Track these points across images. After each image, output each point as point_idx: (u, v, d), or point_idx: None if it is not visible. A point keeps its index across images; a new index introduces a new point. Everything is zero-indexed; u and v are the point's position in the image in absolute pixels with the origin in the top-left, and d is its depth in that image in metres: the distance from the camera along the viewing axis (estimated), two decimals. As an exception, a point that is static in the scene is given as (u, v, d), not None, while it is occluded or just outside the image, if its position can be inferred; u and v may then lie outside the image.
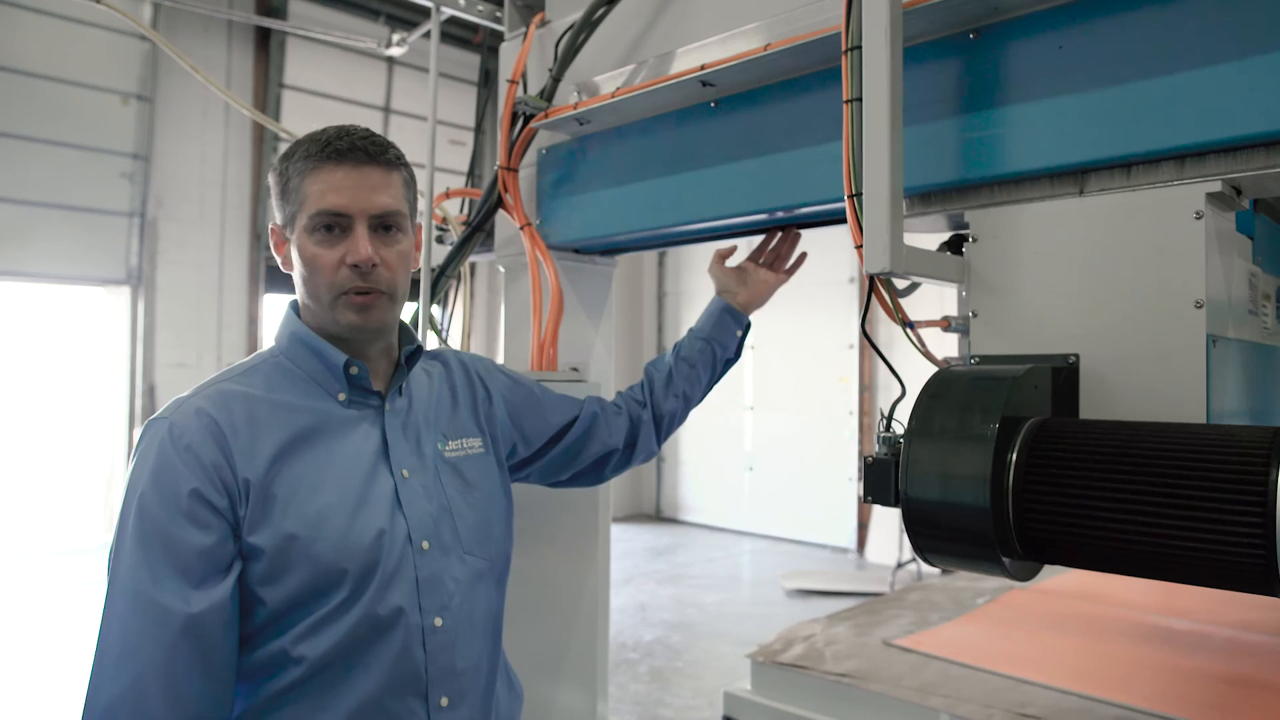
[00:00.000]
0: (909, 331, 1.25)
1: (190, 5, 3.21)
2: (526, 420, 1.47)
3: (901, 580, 6.94)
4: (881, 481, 1.13)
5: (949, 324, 1.23)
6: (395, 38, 2.98)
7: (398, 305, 1.25)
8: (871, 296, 1.24)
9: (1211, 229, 1.02)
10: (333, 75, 8.62)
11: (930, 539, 1.03)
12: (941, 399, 1.03)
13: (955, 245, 1.23)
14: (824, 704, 1.62)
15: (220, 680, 1.07)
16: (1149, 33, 1.02)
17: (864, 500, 1.17)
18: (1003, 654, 1.73)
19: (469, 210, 2.27)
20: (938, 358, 1.29)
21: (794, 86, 1.40)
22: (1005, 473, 0.96)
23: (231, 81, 7.96)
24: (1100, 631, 1.91)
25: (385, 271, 1.19)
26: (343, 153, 1.17)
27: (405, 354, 1.28)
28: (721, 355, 1.69)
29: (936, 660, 1.71)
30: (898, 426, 1.15)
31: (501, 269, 2.00)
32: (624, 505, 10.54)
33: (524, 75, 1.78)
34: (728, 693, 1.74)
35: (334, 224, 1.17)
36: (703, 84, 1.45)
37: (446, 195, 2.25)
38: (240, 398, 1.16)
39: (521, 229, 1.82)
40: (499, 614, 1.32)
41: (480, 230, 1.93)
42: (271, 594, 1.10)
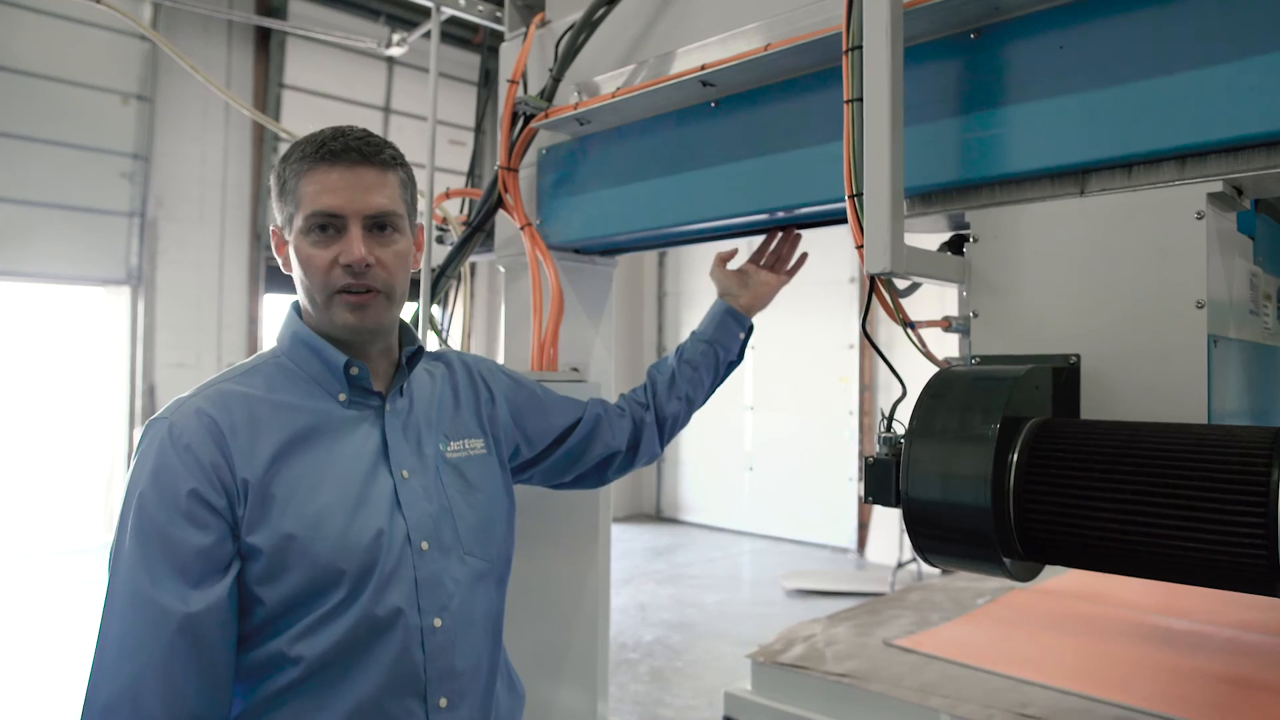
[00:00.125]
0: (910, 331, 1.25)
1: (190, 5, 3.21)
2: (529, 422, 1.47)
3: (902, 580, 6.94)
4: (882, 482, 1.13)
5: (950, 324, 1.23)
6: (395, 38, 2.98)
7: (396, 305, 1.24)
8: (872, 296, 1.24)
9: (1213, 229, 1.02)
10: (333, 75, 8.61)
11: (931, 539, 1.03)
12: (942, 399, 1.03)
13: (956, 245, 1.23)
14: (824, 704, 1.61)
15: (218, 680, 1.08)
16: (1150, 33, 1.02)
17: (865, 500, 1.17)
18: (1003, 654, 1.73)
19: (469, 210, 2.27)
20: (938, 358, 1.29)
21: (794, 86, 1.40)
22: (1006, 473, 0.96)
23: (231, 81, 7.96)
24: (1100, 631, 1.91)
25: (381, 272, 1.19)
26: (337, 153, 1.17)
27: (406, 355, 1.28)
28: (724, 358, 1.69)
29: (937, 660, 1.71)
30: (898, 427, 1.15)
31: (501, 269, 2.00)
32: (624, 505, 10.54)
33: (524, 75, 1.78)
34: (728, 693, 1.74)
35: (329, 224, 1.17)
36: (703, 84, 1.45)
37: (446, 195, 2.25)
38: (240, 398, 1.16)
39: (522, 229, 1.82)
40: (499, 615, 1.32)
41: (480, 230, 1.92)
42: (270, 594, 1.10)
